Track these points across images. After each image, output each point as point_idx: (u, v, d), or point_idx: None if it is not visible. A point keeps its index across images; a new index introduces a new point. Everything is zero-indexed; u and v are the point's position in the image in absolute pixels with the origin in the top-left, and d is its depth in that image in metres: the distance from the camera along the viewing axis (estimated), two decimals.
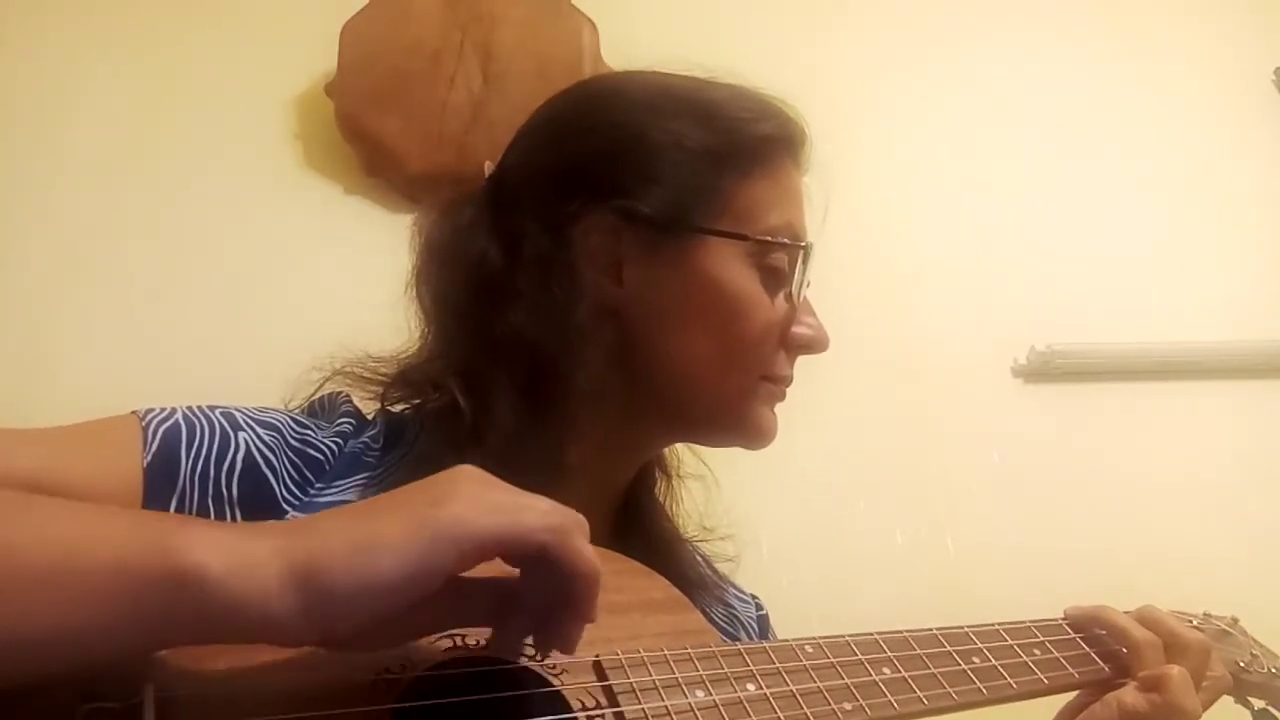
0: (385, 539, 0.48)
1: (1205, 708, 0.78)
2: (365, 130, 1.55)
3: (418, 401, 0.80)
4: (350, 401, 0.79)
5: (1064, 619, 0.82)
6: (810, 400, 0.87)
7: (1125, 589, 0.87)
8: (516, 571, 0.55)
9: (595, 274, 0.77)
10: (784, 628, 0.92)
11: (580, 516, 0.55)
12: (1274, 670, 0.85)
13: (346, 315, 0.83)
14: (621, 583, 0.68)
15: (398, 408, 0.81)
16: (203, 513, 0.66)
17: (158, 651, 0.52)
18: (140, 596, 0.46)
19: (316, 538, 0.49)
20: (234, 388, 0.81)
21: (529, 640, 0.59)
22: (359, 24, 1.57)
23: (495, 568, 0.54)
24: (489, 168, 0.84)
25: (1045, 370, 1.68)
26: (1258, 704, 0.85)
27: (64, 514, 0.52)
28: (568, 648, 0.56)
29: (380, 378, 0.81)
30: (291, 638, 0.49)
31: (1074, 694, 0.81)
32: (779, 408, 0.82)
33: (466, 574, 0.53)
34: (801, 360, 0.83)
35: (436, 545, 0.49)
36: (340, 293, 1.41)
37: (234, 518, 0.67)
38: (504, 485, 0.54)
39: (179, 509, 0.65)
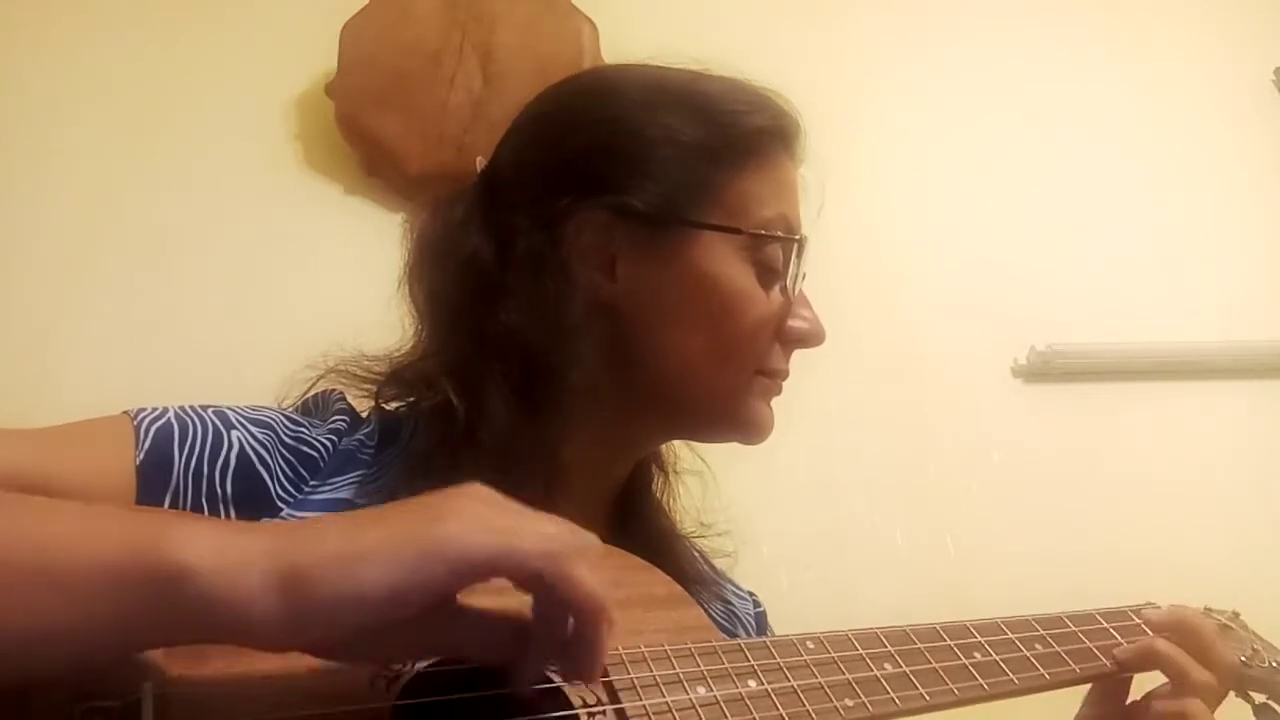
0: (373, 550, 0.47)
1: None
2: (365, 130, 1.55)
3: (411, 399, 0.80)
4: (344, 399, 0.79)
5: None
6: (810, 400, 0.86)
7: (1125, 587, 0.86)
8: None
9: (588, 270, 0.76)
10: (784, 629, 0.91)
11: (589, 540, 0.52)
12: (1275, 664, 0.85)
13: (347, 315, 0.83)
14: (622, 578, 0.68)
15: (392, 406, 0.80)
16: (196, 511, 0.66)
17: (147, 650, 0.51)
18: (125, 592, 0.45)
19: (306, 542, 0.47)
20: (234, 387, 0.81)
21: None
22: (359, 24, 1.57)
23: (519, 600, 0.53)
24: (481, 163, 0.84)
25: (1045, 370, 1.67)
26: (1259, 698, 0.85)
27: (51, 512, 0.50)
28: (587, 678, 0.55)
29: (374, 376, 0.80)
30: (271, 642, 0.47)
31: (1082, 698, 0.82)
32: (779, 406, 0.82)
33: (490, 605, 0.52)
34: (802, 358, 0.82)
35: (425, 561, 0.47)
36: (340, 293, 1.40)
37: (228, 516, 0.67)
38: (513, 506, 0.52)
39: (173, 508, 0.65)
